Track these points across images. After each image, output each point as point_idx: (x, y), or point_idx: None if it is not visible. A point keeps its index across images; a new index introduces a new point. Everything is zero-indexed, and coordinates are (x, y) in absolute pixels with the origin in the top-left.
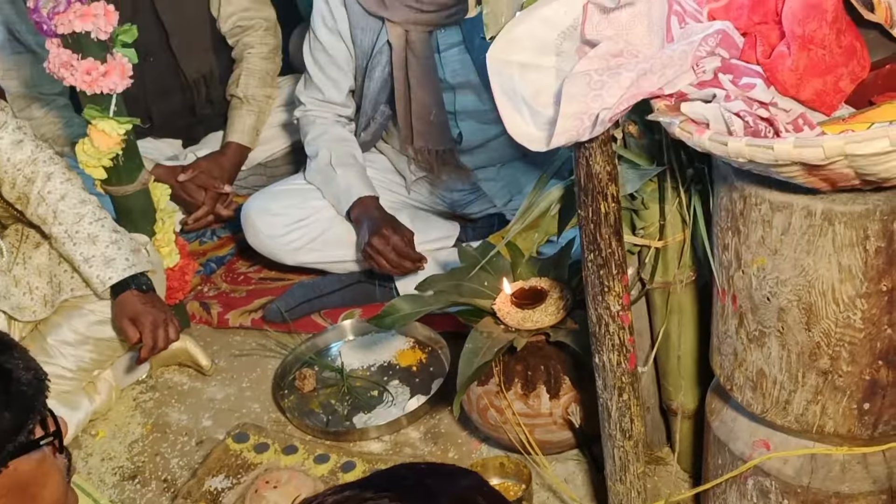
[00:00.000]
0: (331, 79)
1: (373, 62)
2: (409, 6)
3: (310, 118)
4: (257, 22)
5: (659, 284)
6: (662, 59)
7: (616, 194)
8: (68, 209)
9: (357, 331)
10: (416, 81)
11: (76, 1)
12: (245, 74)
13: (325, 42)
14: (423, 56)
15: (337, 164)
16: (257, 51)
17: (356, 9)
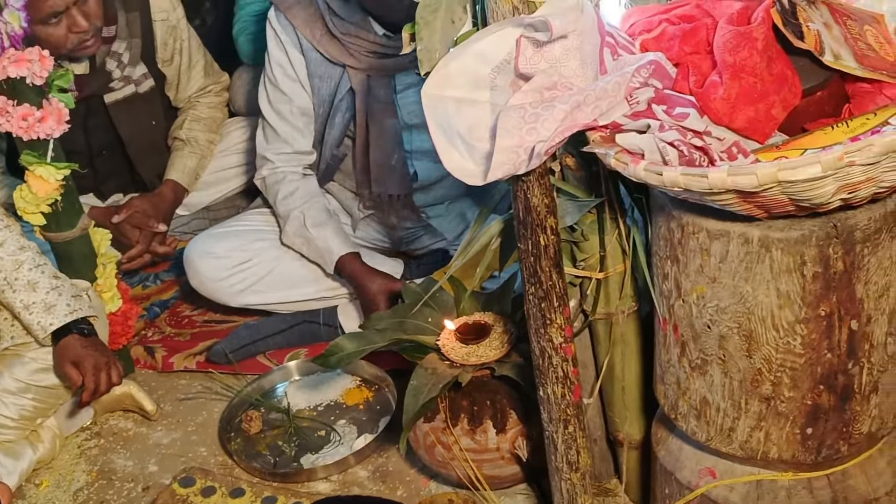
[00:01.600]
0: (296, 128)
1: (334, 109)
2: (372, 52)
3: (278, 176)
4: (212, 88)
5: (601, 316)
6: (596, 91)
7: (555, 227)
8: (7, 256)
9: (303, 371)
10: (376, 125)
11: (10, 47)
12: (191, 119)
13: (288, 91)
14: (383, 100)
15: (312, 225)
16: (206, 101)
17: (314, 56)
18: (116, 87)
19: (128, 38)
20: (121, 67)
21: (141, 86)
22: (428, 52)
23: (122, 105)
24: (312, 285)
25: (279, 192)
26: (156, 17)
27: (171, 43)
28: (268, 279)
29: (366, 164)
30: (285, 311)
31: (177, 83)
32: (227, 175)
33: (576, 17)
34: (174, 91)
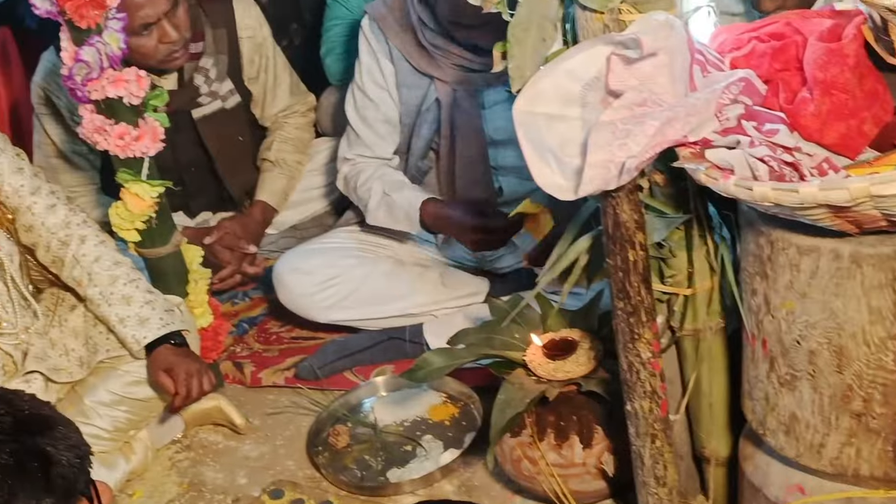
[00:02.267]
0: (379, 134)
1: (420, 119)
2: (459, 66)
3: (357, 168)
4: (298, 108)
5: (689, 332)
6: (686, 108)
7: (644, 242)
8: (102, 271)
9: (389, 386)
10: (461, 139)
11: (108, 67)
12: (279, 140)
13: (375, 97)
14: (469, 114)
15: (391, 190)
16: (294, 122)
17: (404, 66)
18: (204, 103)
19: (215, 53)
20: (208, 83)
21: (227, 101)
22: (519, 69)
23: (210, 120)
24: (399, 302)
25: (358, 181)
26: (242, 35)
27: (257, 60)
28: (355, 295)
29: (450, 177)
30: (372, 327)
31: (262, 101)
32: (315, 194)
33: (666, 34)
34: (260, 109)
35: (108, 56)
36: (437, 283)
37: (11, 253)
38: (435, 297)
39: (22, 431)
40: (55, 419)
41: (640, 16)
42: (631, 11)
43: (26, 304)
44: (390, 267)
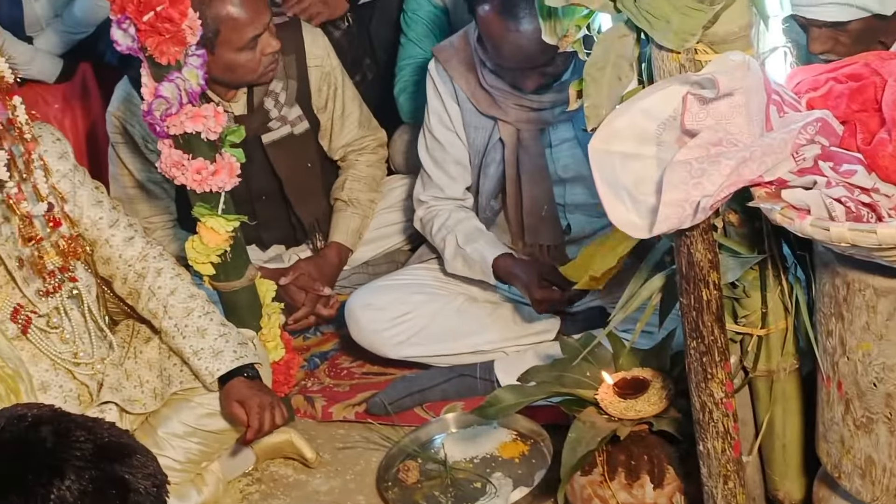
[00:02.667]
0: (450, 176)
1: (487, 159)
2: (521, 105)
3: (433, 212)
4: (367, 144)
5: (762, 372)
6: (762, 147)
7: (717, 282)
8: (178, 303)
9: (460, 423)
10: (527, 178)
11: (187, 103)
12: (351, 179)
13: (444, 140)
14: (534, 153)
15: (464, 243)
16: (365, 159)
17: (469, 107)
18: (274, 128)
19: (284, 78)
20: (278, 107)
21: (296, 127)
22: (595, 108)
23: (279, 145)
24: (470, 339)
25: (434, 226)
26: (310, 63)
27: (325, 90)
28: (426, 331)
29: (518, 215)
30: (443, 364)
31: (330, 131)
32: (388, 231)
33: (742, 74)
34: (327, 140)
35: (187, 92)
36: (508, 320)
37: (89, 284)
38: (506, 335)
39: (102, 458)
40: (134, 447)
41: (717, 56)
42: (707, 51)
43: (102, 336)
44: (462, 304)
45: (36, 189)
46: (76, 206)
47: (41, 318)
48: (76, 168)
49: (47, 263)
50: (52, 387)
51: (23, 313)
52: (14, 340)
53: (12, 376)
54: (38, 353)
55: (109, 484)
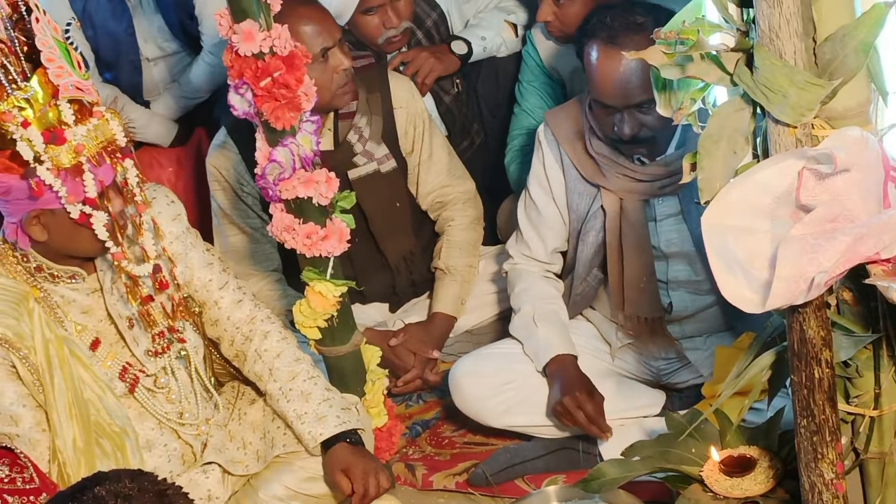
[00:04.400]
0: (539, 236)
1: (586, 226)
2: (625, 175)
3: (518, 271)
4: (456, 196)
5: (874, 455)
6: (879, 225)
7: (830, 360)
8: (283, 367)
9: (561, 496)
10: (629, 248)
11: (300, 168)
12: (447, 246)
13: (538, 201)
14: (637, 224)
15: (539, 318)
16: (458, 223)
17: (573, 174)
18: (359, 163)
19: (368, 113)
20: (362, 142)
21: (383, 165)
22: (709, 181)
23: (365, 181)
24: None
25: (516, 286)
26: (395, 105)
27: (412, 132)
28: (530, 401)
29: (620, 285)
30: (546, 435)
31: (417, 175)
32: (492, 300)
33: (860, 150)
34: (415, 185)
35: (300, 157)
36: (612, 392)
37: (197, 346)
38: (610, 408)
39: None
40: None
41: (834, 131)
42: (824, 126)
43: (208, 397)
44: None
45: (143, 250)
46: (187, 267)
47: (149, 378)
48: (188, 230)
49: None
50: (156, 445)
51: (131, 372)
52: (122, 398)
53: (119, 434)
54: (145, 412)
55: None
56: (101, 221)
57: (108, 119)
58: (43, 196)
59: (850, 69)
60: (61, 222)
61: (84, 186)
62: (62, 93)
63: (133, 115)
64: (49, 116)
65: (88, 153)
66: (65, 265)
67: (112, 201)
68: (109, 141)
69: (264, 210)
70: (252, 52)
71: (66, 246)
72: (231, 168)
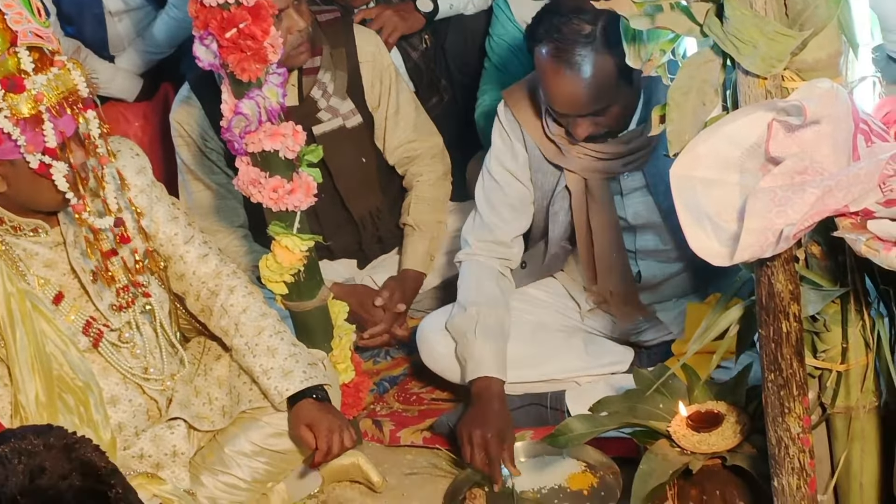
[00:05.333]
0: (503, 219)
1: (555, 207)
2: (586, 156)
3: (473, 263)
4: (423, 151)
5: (840, 409)
6: (848, 177)
7: (798, 314)
8: (249, 322)
9: (528, 452)
10: (597, 226)
11: (266, 121)
12: (415, 202)
13: (502, 182)
14: (603, 202)
15: (480, 331)
16: (426, 178)
17: (536, 153)
18: (324, 119)
19: (332, 69)
20: (326, 97)
21: (349, 121)
22: (678, 133)
23: (330, 137)
24: (542, 367)
25: (468, 281)
26: (361, 59)
27: (378, 87)
28: None
29: (590, 262)
30: (513, 392)
31: (384, 130)
32: None
33: (830, 102)
34: (382, 141)
35: (266, 110)
36: (581, 349)
37: (162, 300)
38: (578, 364)
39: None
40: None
41: (804, 83)
42: (794, 78)
43: (174, 352)
44: (535, 331)
45: (105, 203)
46: (152, 221)
47: (113, 333)
48: (154, 184)
49: (117, 278)
50: (121, 400)
51: (95, 326)
52: (85, 353)
53: (82, 388)
54: (109, 367)
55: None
56: (61, 172)
57: (70, 69)
58: (1, 145)
59: (820, 20)
60: (21, 173)
61: (44, 136)
62: (21, 39)
63: (97, 69)
64: (7, 64)
65: (48, 103)
66: (27, 218)
67: (73, 153)
68: (71, 91)
69: (229, 166)
70: (217, 2)
71: (26, 198)
72: (195, 123)
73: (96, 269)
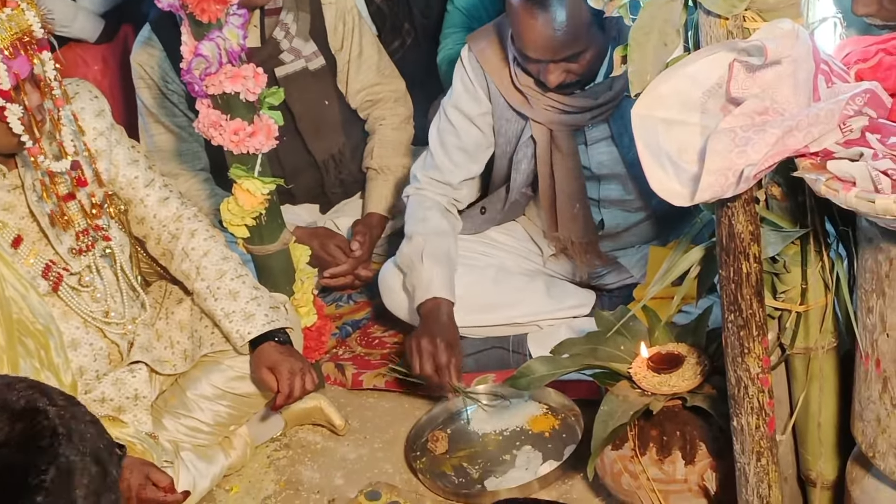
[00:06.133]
0: (454, 162)
1: (518, 155)
2: (552, 107)
3: (420, 198)
4: (386, 95)
5: (799, 350)
6: (809, 118)
7: (758, 255)
8: (211, 265)
9: (490, 395)
10: (561, 176)
11: (227, 63)
12: (378, 146)
13: (458, 126)
14: (568, 153)
15: (427, 255)
16: (388, 122)
17: (501, 101)
18: (286, 60)
19: (295, 9)
20: (288, 38)
21: (311, 62)
22: (639, 73)
23: (293, 80)
24: (505, 311)
25: (415, 213)
26: (324, 1)
27: (341, 28)
28: (460, 302)
29: (552, 211)
30: (476, 335)
31: (346, 73)
32: None
33: (791, 43)
34: (344, 84)
35: (226, 51)
36: (543, 293)
37: (123, 244)
38: (540, 308)
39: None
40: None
41: (765, 23)
42: (756, 19)
43: (135, 295)
44: (497, 275)
45: (62, 146)
46: (112, 164)
47: (73, 276)
48: (113, 127)
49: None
50: (82, 344)
51: (54, 270)
52: (45, 297)
53: (42, 332)
54: (69, 311)
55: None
56: (15, 115)
57: (24, 9)
58: None
59: None
60: None
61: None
62: None
63: (57, 9)
64: None
65: (2, 44)
66: None
67: (28, 95)
68: (25, 32)
69: (190, 108)
70: None
71: None
72: (156, 65)
73: (52, 213)
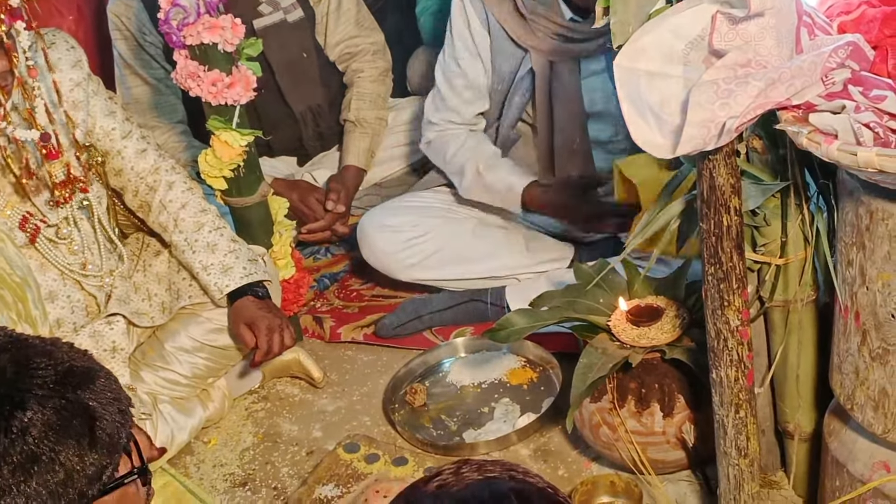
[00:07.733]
0: (465, 100)
1: (513, 89)
2: (558, 35)
3: (446, 136)
4: (365, 47)
5: (778, 303)
6: (791, 70)
7: (739, 208)
8: (188, 218)
9: (469, 348)
10: (561, 111)
11: (205, 13)
12: (356, 98)
13: (465, 65)
14: (570, 85)
15: (485, 170)
16: (367, 74)
17: (500, 34)
18: (265, 12)
19: None
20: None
21: (290, 14)
22: (622, 24)
23: (271, 31)
24: (483, 264)
25: (448, 151)
26: None
27: None
28: (439, 255)
29: (549, 148)
30: (454, 288)
31: (325, 26)
32: (401, 152)
33: None
34: (322, 36)
35: (205, 2)
36: (521, 246)
37: (100, 196)
38: (519, 261)
39: (65, 386)
40: (97, 371)
41: None
42: None
43: (112, 248)
44: (475, 228)
45: (32, 115)
46: (89, 115)
47: (50, 228)
48: (90, 77)
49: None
50: (59, 296)
51: (31, 222)
52: (22, 249)
53: (20, 284)
54: (46, 263)
55: (74, 413)
56: None
57: None
58: None
59: None
60: None
61: None
62: None
63: None
64: None
65: None
66: None
67: None
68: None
69: (168, 60)
70: None
71: None
72: (132, 16)
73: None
